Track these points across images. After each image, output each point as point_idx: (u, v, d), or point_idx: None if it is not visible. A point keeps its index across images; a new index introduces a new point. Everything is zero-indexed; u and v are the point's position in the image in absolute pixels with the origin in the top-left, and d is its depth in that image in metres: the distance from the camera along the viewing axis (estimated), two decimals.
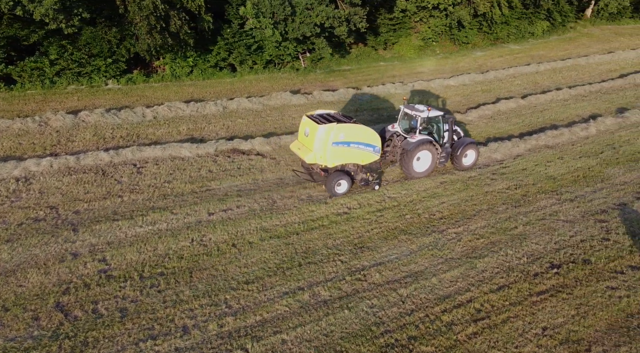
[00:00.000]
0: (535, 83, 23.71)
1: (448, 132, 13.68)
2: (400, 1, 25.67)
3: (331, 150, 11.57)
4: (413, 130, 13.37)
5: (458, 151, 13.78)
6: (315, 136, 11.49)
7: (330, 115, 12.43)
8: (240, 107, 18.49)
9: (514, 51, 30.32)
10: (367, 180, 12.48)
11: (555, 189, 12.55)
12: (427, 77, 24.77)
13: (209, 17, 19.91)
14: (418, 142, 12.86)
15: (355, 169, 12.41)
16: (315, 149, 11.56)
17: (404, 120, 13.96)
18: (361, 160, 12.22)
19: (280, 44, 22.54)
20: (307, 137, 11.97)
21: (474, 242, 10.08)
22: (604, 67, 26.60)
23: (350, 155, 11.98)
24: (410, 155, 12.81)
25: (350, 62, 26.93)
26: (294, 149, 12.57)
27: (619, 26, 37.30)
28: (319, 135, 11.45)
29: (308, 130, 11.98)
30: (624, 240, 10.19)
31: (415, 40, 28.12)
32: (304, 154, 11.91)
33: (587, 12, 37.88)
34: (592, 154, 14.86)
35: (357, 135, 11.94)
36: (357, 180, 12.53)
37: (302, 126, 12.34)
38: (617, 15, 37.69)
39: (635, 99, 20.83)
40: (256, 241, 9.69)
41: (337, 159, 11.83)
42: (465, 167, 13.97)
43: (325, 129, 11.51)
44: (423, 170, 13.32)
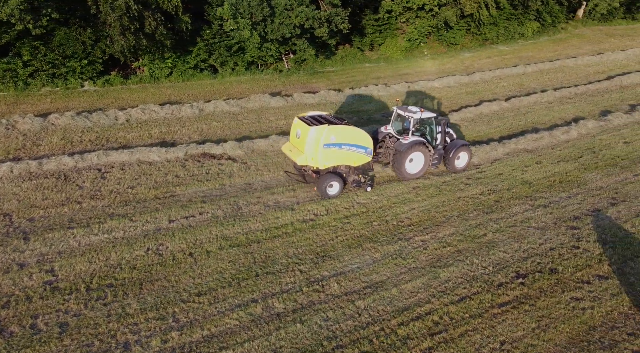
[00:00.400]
0: (520, 85, 23.55)
1: (441, 134, 13.68)
2: (385, 2, 25.55)
3: (322, 151, 11.58)
4: (406, 132, 13.38)
5: (451, 153, 13.77)
6: (307, 138, 11.49)
7: (321, 117, 12.41)
8: (217, 110, 18.24)
9: (502, 52, 30.19)
10: (359, 181, 12.43)
11: (529, 195, 12.36)
12: (412, 78, 24.58)
13: (187, 17, 19.66)
14: (410, 143, 12.83)
15: (347, 170, 12.38)
16: (306, 150, 11.53)
17: (396, 121, 13.94)
18: (353, 162, 12.21)
19: (262, 45, 22.33)
20: (298, 138, 11.96)
21: (440, 250, 9.87)
22: (591, 68, 26.49)
23: (342, 156, 11.97)
24: (403, 157, 12.78)
25: (335, 63, 26.73)
26: (285, 150, 12.54)
27: (611, 27, 37.24)
28: (310, 136, 11.46)
29: (299, 131, 11.95)
30: (594, 249, 10.00)
31: (402, 41, 27.92)
32: (295, 156, 11.90)
33: (579, 12, 37.79)
34: (571, 158, 14.67)
35: (349, 136, 11.93)
36: (349, 182, 12.48)
37: (294, 128, 12.32)
38: (608, 15, 37.60)
39: (620, 101, 20.70)
40: (214, 250, 9.45)
41: (329, 161, 11.83)
42: (457, 169, 13.92)
43: (316, 130, 11.50)
44: (415, 172, 13.28)
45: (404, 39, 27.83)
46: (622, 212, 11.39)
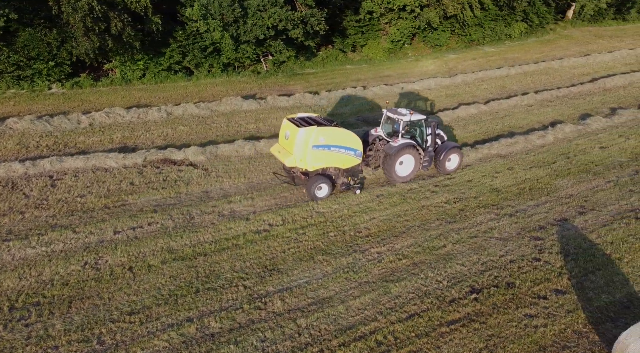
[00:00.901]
0: (502, 87, 23.28)
1: (431, 136, 13.61)
2: (366, 2, 25.24)
3: (311, 153, 11.55)
4: (396, 134, 13.28)
5: (441, 155, 13.70)
6: (295, 139, 11.44)
7: (311, 119, 12.38)
8: (186, 113, 17.85)
9: (488, 54, 29.94)
10: (348, 184, 12.37)
11: (496, 203, 12.00)
12: (393, 81, 24.28)
13: (158, 18, 19.25)
14: (400, 146, 12.77)
15: (336, 172, 12.36)
16: (295, 151, 11.50)
17: (386, 124, 13.83)
18: (342, 164, 12.17)
19: (238, 47, 22.01)
20: (287, 140, 11.92)
21: (395, 263, 9.52)
22: (577, 70, 26.24)
23: (331, 158, 11.92)
24: (393, 160, 12.73)
25: (316, 65, 26.40)
26: (274, 152, 12.51)
27: (601, 28, 37.08)
28: (298, 138, 11.41)
29: (288, 133, 11.91)
30: (555, 261, 9.69)
31: (384, 43, 27.63)
32: (284, 157, 11.86)
33: (568, 13, 37.61)
34: (544, 163, 14.33)
35: (338, 138, 11.89)
36: (338, 184, 12.42)
37: (283, 129, 12.29)
38: (598, 16, 37.47)
39: (601, 104, 20.45)
40: (156, 264, 9.06)
41: (318, 163, 11.80)
42: (448, 171, 13.90)
43: (305, 131, 11.46)
44: (406, 175, 13.25)
45: (387, 41, 27.54)
46: (589, 221, 11.09)
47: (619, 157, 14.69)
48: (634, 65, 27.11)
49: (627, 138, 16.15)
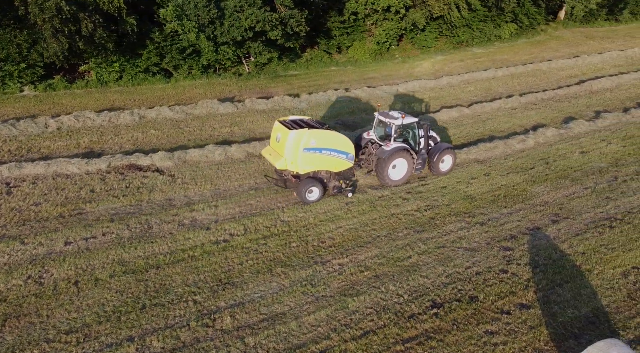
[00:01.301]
0: (488, 89, 23.02)
1: (424, 138, 13.62)
2: (350, 3, 24.93)
3: (302, 156, 11.53)
4: (388, 138, 13.25)
5: (435, 157, 13.67)
6: (286, 142, 11.44)
7: (302, 121, 12.40)
8: (159, 117, 17.51)
9: (476, 55, 29.70)
10: (339, 187, 12.31)
11: (469, 211, 11.69)
12: (377, 83, 24.00)
13: (133, 19, 18.94)
14: (392, 150, 12.76)
15: (328, 176, 12.33)
16: (286, 154, 11.51)
17: (378, 127, 13.80)
18: (334, 167, 12.17)
19: (218, 48, 21.71)
20: (278, 142, 11.93)
21: (357, 275, 9.19)
22: (565, 72, 26.01)
23: (322, 161, 11.91)
24: (385, 164, 12.73)
25: (300, 66, 26.10)
26: (265, 154, 12.51)
27: (592, 28, 36.91)
28: (289, 140, 11.39)
29: (279, 135, 11.92)
30: (523, 273, 9.40)
31: (370, 44, 27.36)
32: (275, 160, 11.84)
33: (560, 14, 37.43)
34: (521, 169, 14.01)
35: (330, 141, 11.85)
36: (330, 188, 12.40)
37: (274, 131, 12.30)
38: (590, 17, 37.33)
39: (586, 107, 20.19)
40: (104, 278, 8.70)
41: (309, 166, 11.78)
42: (442, 172, 13.90)
43: (296, 134, 11.45)
44: (399, 178, 13.24)
45: (372, 42, 27.31)
46: (562, 230, 10.77)
47: (599, 162, 14.40)
48: (623, 67, 26.91)
49: (609, 142, 15.91)
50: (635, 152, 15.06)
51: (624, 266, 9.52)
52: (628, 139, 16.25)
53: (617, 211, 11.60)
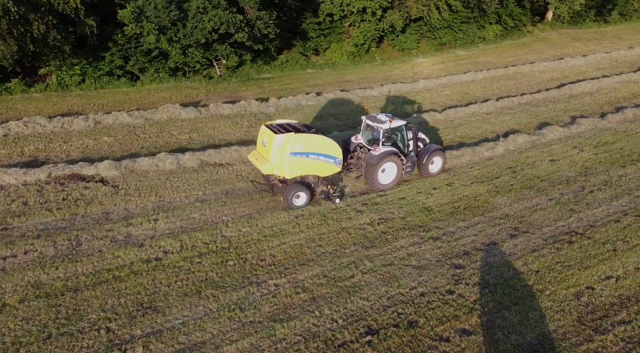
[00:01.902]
0: (464, 93, 22.58)
1: (412, 141, 13.57)
2: (324, 4, 24.30)
3: (288, 160, 11.45)
4: (376, 142, 13.17)
5: (424, 159, 13.65)
6: (272, 146, 11.36)
7: (290, 125, 12.31)
8: (116, 122, 16.92)
9: (458, 57, 29.30)
10: (327, 192, 12.23)
11: (424, 224, 11.19)
12: (351, 86, 23.50)
13: (92, 20, 18.34)
14: (381, 154, 12.68)
15: (315, 180, 12.25)
16: (272, 159, 11.43)
17: (366, 131, 13.69)
18: (321, 172, 12.07)
19: (186, 51, 21.19)
20: (264, 147, 11.87)
21: (292, 297, 8.66)
22: (546, 75, 25.61)
23: (310, 166, 11.82)
24: (374, 169, 12.66)
25: (275, 69, 25.57)
26: (251, 159, 12.43)
27: (580, 30, 36.63)
28: (275, 145, 11.32)
29: (266, 140, 11.82)
30: (470, 294, 8.89)
31: (348, 46, 26.91)
32: (261, 164, 11.79)
33: (548, 15, 37.18)
34: (486, 178, 13.49)
35: (317, 146, 11.78)
36: (317, 193, 12.29)
37: (260, 136, 12.22)
38: (578, 18, 37.09)
39: (563, 112, 19.77)
40: (13, 303, 8.08)
41: (295, 170, 11.70)
42: (432, 174, 13.88)
43: (282, 138, 11.37)
44: (389, 182, 13.20)
45: (350, 44, 26.87)
46: (519, 246, 10.30)
47: (568, 171, 13.90)
48: (607, 70, 26.57)
49: (580, 150, 15.45)
50: (606, 160, 14.64)
51: (578, 286, 9.07)
52: (601, 146, 15.84)
53: (580, 225, 11.15)
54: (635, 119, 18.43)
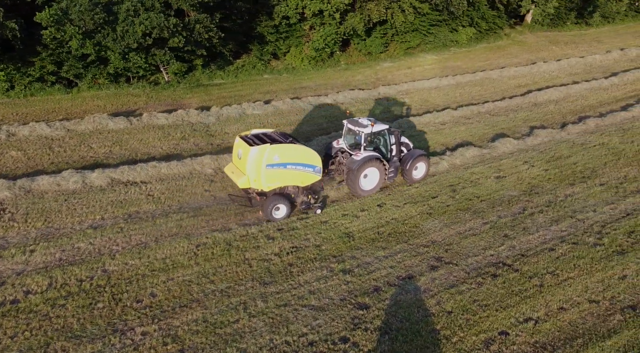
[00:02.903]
0: (424, 101, 21.63)
1: (395, 146, 13.39)
2: (279, 7, 23.11)
3: (266, 173, 11.21)
4: (358, 147, 12.97)
5: (407, 164, 13.43)
6: (248, 158, 11.12)
7: (266, 135, 12.04)
8: (33, 134, 15.65)
9: (427, 62, 28.40)
10: (308, 203, 12.01)
11: (340, 253, 10.16)
12: (306, 93, 22.47)
13: (13, 23, 17.22)
14: (363, 160, 12.45)
15: (295, 191, 12.03)
16: (248, 171, 11.18)
17: (348, 135, 13.47)
18: (301, 182, 11.82)
19: (127, 55, 20.17)
20: (240, 159, 11.64)
21: (157, 350, 7.59)
22: (515, 81, 24.75)
23: (288, 177, 11.58)
24: (356, 174, 12.43)
25: (229, 75, 24.47)
26: (227, 172, 12.21)
27: (560, 33, 35.94)
28: (251, 157, 11.08)
29: (241, 152, 11.62)
30: (367, 342, 7.79)
31: (308, 50, 26.05)
32: (237, 178, 11.54)
33: (527, 17, 36.61)
34: (422, 199, 12.53)
35: (294, 155, 11.54)
36: (298, 204, 12.08)
37: (235, 148, 12.00)
38: (558, 20, 36.53)
39: (523, 122, 18.80)
40: None
41: (273, 182, 11.43)
42: (415, 180, 13.70)
43: (257, 150, 11.12)
44: (371, 188, 12.96)
45: (310, 48, 26.02)
46: (437, 280, 9.27)
47: (512, 189, 12.92)
48: (579, 76, 25.75)
49: (531, 165, 14.49)
50: (555, 176, 13.69)
51: (491, 331, 8.06)
52: (554, 160, 14.91)
53: (510, 254, 10.17)
54: (596, 130, 17.57)
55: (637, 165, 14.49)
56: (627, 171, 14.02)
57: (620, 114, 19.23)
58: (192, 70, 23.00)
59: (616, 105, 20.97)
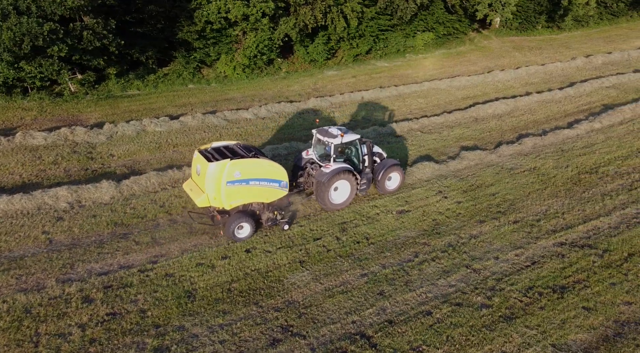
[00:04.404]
0: (354, 116, 19.59)
1: (368, 156, 12.92)
2: (200, 11, 21.28)
3: (226, 190, 10.59)
4: (328, 158, 12.46)
5: (379, 174, 12.94)
6: (206, 175, 10.44)
7: (227, 149, 11.38)
8: None
9: (376, 70, 26.79)
10: (274, 219, 11.50)
11: (165, 322, 8.21)
12: (227, 106, 20.47)
13: None
14: (332, 172, 11.94)
15: (260, 207, 11.45)
16: (207, 189, 10.51)
17: (318, 145, 12.95)
18: (265, 198, 11.23)
19: (17, 64, 18.34)
20: (199, 176, 10.94)
21: None
22: (463, 92, 23.14)
23: (251, 193, 11.00)
24: (325, 187, 11.93)
25: (147, 85, 22.53)
26: (186, 189, 11.52)
27: (528, 38, 34.55)
28: (209, 174, 10.41)
29: (199, 167, 10.93)
30: None
31: (240, 58, 24.41)
32: (195, 196, 10.82)
33: (495, 22, 35.45)
34: (302, 241, 10.73)
35: (257, 171, 10.90)
36: (264, 221, 11.51)
37: (194, 163, 11.29)
38: (527, 24, 35.40)
39: (454, 141, 16.76)
40: None
41: (235, 200, 10.84)
42: (389, 191, 13.21)
43: (216, 166, 10.46)
44: (342, 201, 12.46)
45: (242, 55, 24.42)
46: None
47: (412, 228, 11.25)
48: (535, 85, 24.15)
49: (444, 196, 12.78)
50: (467, 211, 12.02)
51: None
52: (472, 190, 13.25)
53: (376, 320, 8.46)
54: (532, 151, 15.88)
55: (564, 195, 12.96)
56: (550, 203, 12.49)
57: (564, 132, 17.77)
58: (103, 79, 21.31)
59: (563, 120, 19.57)
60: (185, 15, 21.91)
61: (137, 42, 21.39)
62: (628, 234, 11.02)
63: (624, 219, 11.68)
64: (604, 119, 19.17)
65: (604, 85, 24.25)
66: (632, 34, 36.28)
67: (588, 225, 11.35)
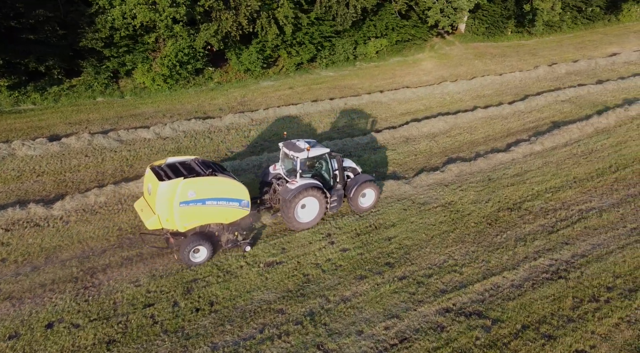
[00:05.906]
0: (271, 135, 17.64)
1: (339, 171, 12.33)
2: (103, 17, 19.22)
3: (179, 211, 9.88)
4: (295, 173, 11.89)
5: (352, 191, 12.23)
6: (157, 195, 9.76)
7: (182, 165, 10.69)
8: None
9: (317, 80, 24.99)
10: (234, 241, 10.97)
11: None
12: (129, 123, 18.26)
13: None
14: (298, 188, 11.35)
15: (220, 228, 10.89)
16: (158, 211, 9.83)
17: (286, 160, 12.32)
18: (224, 219, 10.67)
19: None
20: (150, 195, 10.32)
21: None
22: (405, 106, 21.30)
23: (208, 214, 10.34)
24: (290, 205, 11.32)
25: (47, 98, 20.34)
26: (137, 208, 10.94)
27: (496, 43, 32.94)
28: (160, 194, 9.73)
29: (150, 186, 10.28)
30: None
31: (159, 68, 22.62)
32: (145, 217, 10.16)
33: (461, 26, 34.11)
34: (129, 309, 8.70)
35: (214, 190, 10.23)
36: (223, 243, 10.96)
37: (145, 180, 10.70)
38: (495, 29, 34.07)
39: (371, 167, 14.85)
40: None
41: (190, 221, 10.18)
42: (363, 209, 12.52)
43: (167, 186, 9.76)
44: (310, 220, 11.82)
45: (160, 65, 22.62)
46: None
47: (272, 289, 9.31)
48: (486, 98, 22.27)
49: (331, 241, 10.91)
50: (351, 262, 10.20)
51: None
52: (367, 232, 11.41)
53: None
54: (455, 180, 14.12)
55: (472, 240, 11.15)
56: (452, 252, 10.70)
57: (498, 156, 16.01)
58: None
59: (503, 142, 17.83)
60: (86, 21, 20.04)
61: (32, 50, 19.45)
62: (530, 296, 9.28)
63: (532, 274, 9.95)
64: (547, 139, 17.50)
65: (559, 99, 22.77)
66: (606, 40, 34.97)
67: (486, 283, 9.61)
